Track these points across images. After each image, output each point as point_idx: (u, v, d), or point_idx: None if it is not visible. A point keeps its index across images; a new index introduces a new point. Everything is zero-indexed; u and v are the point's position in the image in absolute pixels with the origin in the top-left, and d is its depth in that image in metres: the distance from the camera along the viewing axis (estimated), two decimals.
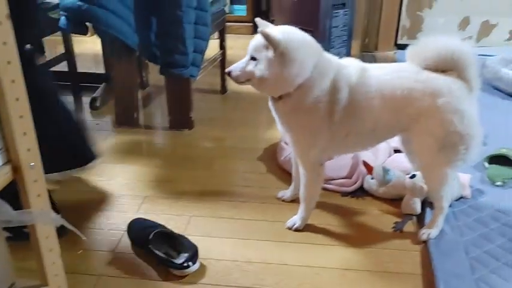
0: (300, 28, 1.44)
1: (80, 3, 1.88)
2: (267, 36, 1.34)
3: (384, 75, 1.44)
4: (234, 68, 1.45)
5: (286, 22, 3.35)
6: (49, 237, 1.04)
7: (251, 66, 1.41)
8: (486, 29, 3.79)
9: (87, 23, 2.05)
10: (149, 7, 2.14)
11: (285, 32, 1.38)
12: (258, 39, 1.39)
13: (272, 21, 3.39)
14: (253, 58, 1.41)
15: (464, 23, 3.79)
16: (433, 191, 1.54)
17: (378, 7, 3.63)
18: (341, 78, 1.42)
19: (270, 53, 1.36)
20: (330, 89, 1.42)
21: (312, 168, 1.54)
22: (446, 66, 1.40)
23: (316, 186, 1.59)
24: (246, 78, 1.44)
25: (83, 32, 2.10)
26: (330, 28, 3.07)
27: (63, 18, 2.00)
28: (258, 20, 1.47)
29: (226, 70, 1.47)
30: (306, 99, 1.41)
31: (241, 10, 4.37)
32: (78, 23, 2.01)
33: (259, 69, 1.39)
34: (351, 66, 1.47)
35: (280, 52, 1.35)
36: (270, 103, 1.51)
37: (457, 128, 1.39)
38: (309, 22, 3.05)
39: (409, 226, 1.64)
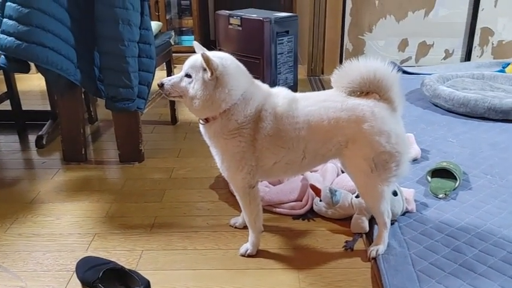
0: (247, 56, 1.49)
1: (18, 41, 1.86)
2: (207, 60, 1.38)
3: (310, 105, 1.49)
4: (167, 81, 1.48)
5: (233, 51, 3.43)
6: None
7: (185, 83, 1.45)
8: (423, 49, 4.00)
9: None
10: (91, 42, 2.14)
11: (223, 58, 1.44)
12: (196, 59, 1.44)
13: (219, 51, 3.45)
14: (188, 75, 1.45)
15: (403, 45, 3.99)
16: (372, 208, 1.60)
17: (321, 33, 3.77)
18: (267, 107, 1.47)
19: (207, 75, 1.40)
20: (255, 117, 1.46)
21: (243, 191, 1.56)
22: (369, 88, 1.47)
23: (252, 208, 1.59)
24: (179, 94, 1.47)
25: (25, 70, 2.07)
26: (275, 55, 3.15)
27: (2, 57, 1.97)
28: (195, 43, 1.52)
29: (159, 82, 1.49)
30: (229, 124, 1.45)
31: (189, 41, 4.42)
32: (19, 62, 1.98)
33: (192, 88, 1.43)
34: (280, 96, 1.51)
35: (215, 76, 1.40)
36: (200, 127, 1.54)
37: (386, 148, 1.45)
38: (255, 50, 3.13)
39: (360, 244, 1.68)
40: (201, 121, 1.51)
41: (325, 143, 1.49)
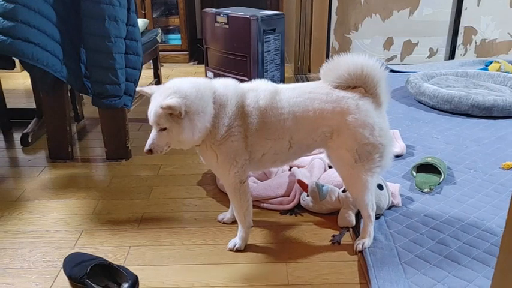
0: (234, 54, 1.48)
1: (3, 37, 1.84)
2: (169, 109, 1.35)
3: (296, 96, 1.51)
4: (153, 146, 1.44)
5: (220, 49, 3.43)
6: None
7: (166, 136, 1.42)
8: (408, 47, 4.05)
9: (14, 57, 2.01)
10: (77, 39, 2.13)
11: (178, 91, 1.40)
12: (156, 110, 1.39)
13: (206, 49, 3.46)
14: (162, 129, 1.41)
15: (389, 43, 4.03)
16: (357, 200, 1.62)
17: (307, 31, 3.79)
18: (249, 103, 1.48)
19: (176, 119, 1.38)
20: (240, 115, 1.47)
21: (233, 186, 1.57)
22: (356, 82, 1.49)
23: (243, 203, 1.60)
24: (168, 146, 1.45)
25: (9, 66, 2.05)
26: (262, 53, 3.16)
27: None
28: (139, 89, 1.49)
29: (146, 150, 1.45)
30: (219, 131, 1.46)
31: (176, 39, 4.41)
32: (3, 58, 1.96)
33: (173, 137, 1.42)
34: (259, 89, 1.52)
35: (185, 111, 1.38)
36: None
37: (369, 140, 1.47)
38: (242, 48, 3.14)
39: (346, 238, 1.70)
40: None
41: (311, 133, 1.51)
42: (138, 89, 1.47)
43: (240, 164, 1.52)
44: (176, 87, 1.42)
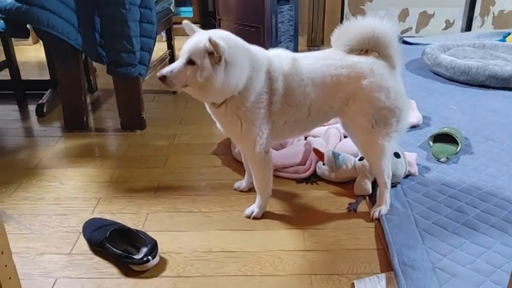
0: (247, 25, 1.45)
1: (18, 4, 1.83)
2: (215, 45, 1.31)
3: (313, 63, 1.50)
4: (168, 71, 1.36)
5: (233, 20, 3.39)
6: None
7: (191, 72, 1.35)
8: (424, 19, 3.97)
9: (28, 25, 2.00)
10: (92, 7, 2.11)
11: (225, 39, 1.37)
12: (196, 43, 1.34)
13: (219, 21, 3.42)
14: (191, 62, 1.35)
15: (404, 15, 3.96)
16: (373, 166, 1.61)
17: (321, 2, 3.73)
18: (274, 68, 1.47)
19: (213, 61, 1.34)
20: (267, 80, 1.45)
21: (259, 157, 1.55)
22: (368, 46, 1.48)
23: (267, 174, 1.60)
24: (184, 83, 1.38)
25: (24, 35, 2.05)
26: (276, 24, 3.12)
27: (1, 22, 1.94)
28: (186, 22, 1.41)
29: (159, 74, 1.36)
30: (249, 96, 1.43)
31: (187, 12, 4.37)
32: (19, 26, 1.95)
33: (200, 76, 1.34)
34: (282, 56, 1.51)
35: (224, 59, 1.34)
36: (208, 109, 1.52)
37: (385, 104, 1.46)
38: (256, 19, 3.10)
39: (363, 206, 1.70)
40: (210, 105, 1.48)
41: (328, 99, 1.51)
42: (185, 21, 1.37)
43: (265, 134, 1.51)
44: (226, 34, 1.40)
